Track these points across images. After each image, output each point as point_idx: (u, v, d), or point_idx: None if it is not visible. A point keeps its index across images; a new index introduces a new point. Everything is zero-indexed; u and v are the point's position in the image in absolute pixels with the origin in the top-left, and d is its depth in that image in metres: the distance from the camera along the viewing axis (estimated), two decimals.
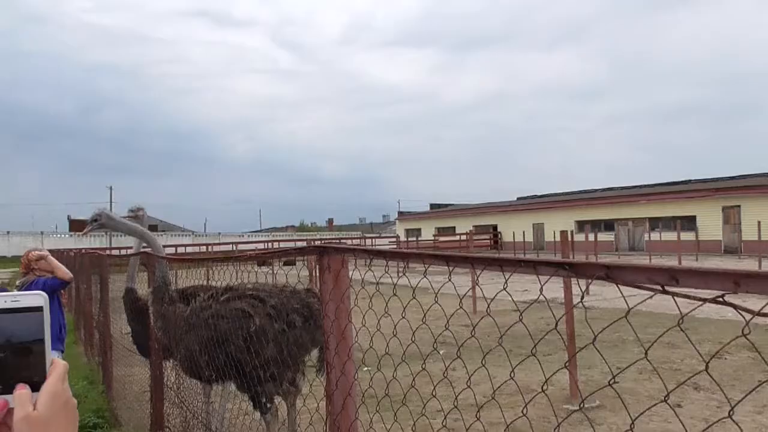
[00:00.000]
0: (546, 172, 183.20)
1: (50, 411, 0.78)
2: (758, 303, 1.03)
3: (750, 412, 6.01)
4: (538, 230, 47.95)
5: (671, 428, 5.70)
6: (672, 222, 36.39)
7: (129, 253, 5.66)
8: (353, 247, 1.89)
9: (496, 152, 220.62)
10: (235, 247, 44.53)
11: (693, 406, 6.42)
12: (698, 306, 0.91)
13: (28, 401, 0.78)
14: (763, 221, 30.18)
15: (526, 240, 43.09)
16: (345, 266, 1.92)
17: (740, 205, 36.29)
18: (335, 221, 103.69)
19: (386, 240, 57.85)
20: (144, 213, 5.41)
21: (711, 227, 37.33)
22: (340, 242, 2.17)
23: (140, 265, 5.09)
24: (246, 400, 4.00)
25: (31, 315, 0.81)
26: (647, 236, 40.06)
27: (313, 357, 4.19)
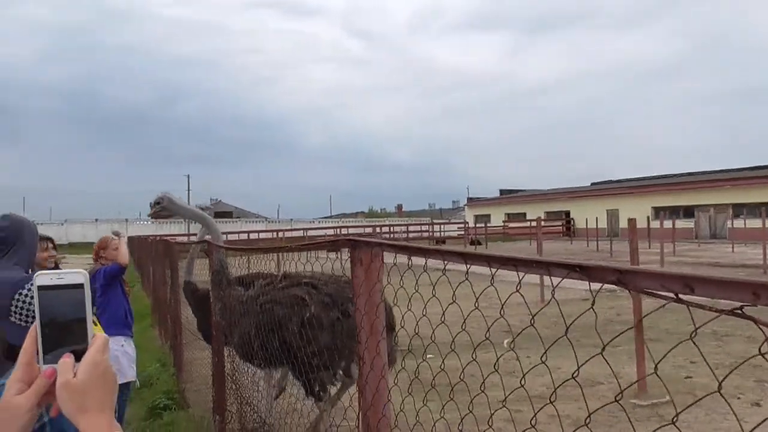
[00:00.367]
0: (620, 157, 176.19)
1: (89, 379, 0.85)
2: None
3: None
4: (613, 217, 46.23)
5: (747, 428, 5.38)
6: (758, 209, 34.23)
7: (191, 241, 5.79)
8: (382, 242, 1.86)
9: (568, 137, 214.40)
10: (306, 233, 45.52)
11: None
12: (715, 318, 0.82)
13: (70, 369, 0.85)
14: None
15: (600, 227, 41.60)
16: (375, 260, 1.89)
17: None
18: (405, 207, 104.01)
19: (455, 226, 57.42)
20: (168, 198, 5.15)
21: None
22: (390, 231, 2.11)
23: (200, 252, 5.20)
24: (298, 387, 4.06)
25: (74, 291, 0.89)
26: (730, 223, 37.93)
27: None
